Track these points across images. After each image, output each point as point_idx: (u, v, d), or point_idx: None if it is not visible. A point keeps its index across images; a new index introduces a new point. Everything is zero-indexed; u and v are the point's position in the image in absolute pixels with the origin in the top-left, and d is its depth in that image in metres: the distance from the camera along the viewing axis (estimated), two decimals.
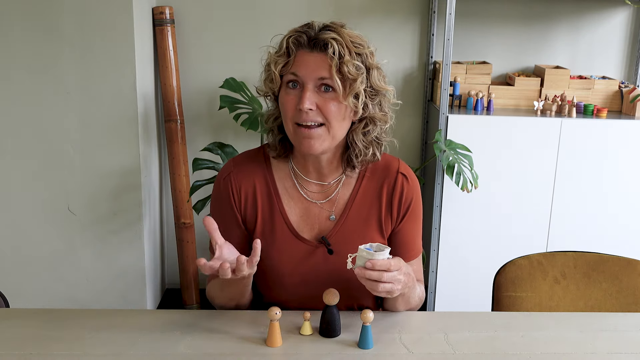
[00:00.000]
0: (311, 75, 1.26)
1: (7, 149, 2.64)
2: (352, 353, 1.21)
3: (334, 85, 1.26)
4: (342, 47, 1.25)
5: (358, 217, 1.39)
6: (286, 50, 1.28)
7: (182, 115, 2.88)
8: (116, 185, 2.69)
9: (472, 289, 2.77)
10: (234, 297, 1.37)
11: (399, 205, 1.40)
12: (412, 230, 1.43)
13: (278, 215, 1.39)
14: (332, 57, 1.24)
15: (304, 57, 1.27)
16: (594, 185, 2.71)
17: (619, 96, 2.83)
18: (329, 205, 1.40)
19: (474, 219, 2.74)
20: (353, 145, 1.36)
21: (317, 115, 1.27)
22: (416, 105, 3.04)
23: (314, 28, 1.28)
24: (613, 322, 1.38)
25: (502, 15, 2.97)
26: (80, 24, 2.51)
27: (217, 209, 1.42)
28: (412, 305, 1.40)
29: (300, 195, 1.40)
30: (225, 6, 2.89)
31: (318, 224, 1.39)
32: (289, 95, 1.29)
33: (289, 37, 1.29)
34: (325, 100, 1.27)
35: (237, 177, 1.40)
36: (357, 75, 1.26)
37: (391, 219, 1.41)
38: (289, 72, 1.28)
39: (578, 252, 1.65)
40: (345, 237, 1.38)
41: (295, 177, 1.41)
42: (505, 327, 1.32)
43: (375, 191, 1.41)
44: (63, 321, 1.31)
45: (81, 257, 2.77)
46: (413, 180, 1.43)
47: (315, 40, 1.26)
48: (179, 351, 1.20)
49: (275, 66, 1.29)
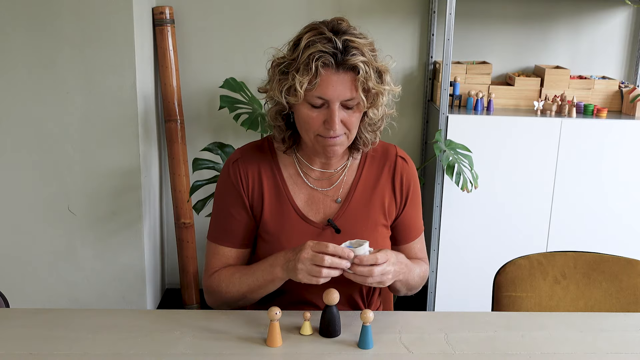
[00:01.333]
0: (339, 97, 1.29)
1: (7, 149, 2.64)
2: (352, 353, 1.21)
3: (359, 102, 1.30)
4: (367, 67, 1.28)
5: (362, 199, 1.45)
6: (314, 72, 1.26)
7: (182, 115, 2.88)
8: (116, 185, 2.69)
9: (472, 289, 2.77)
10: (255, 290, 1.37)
11: (401, 188, 1.47)
12: (414, 212, 1.51)
13: (285, 200, 1.43)
14: (359, 79, 1.27)
15: (330, 79, 1.27)
16: (593, 185, 2.71)
17: (619, 96, 2.83)
18: (333, 191, 1.45)
19: (474, 219, 2.74)
20: (361, 136, 1.42)
21: (341, 129, 1.33)
22: (416, 105, 3.04)
23: (337, 45, 1.26)
24: (613, 322, 1.38)
25: (502, 15, 2.97)
26: (80, 24, 2.51)
27: (224, 194, 1.45)
28: (412, 285, 1.44)
29: (304, 182, 1.45)
30: (225, 6, 2.89)
31: (323, 209, 1.44)
32: (312, 113, 1.31)
33: (315, 58, 1.25)
34: (349, 115, 1.32)
35: (245, 163, 1.44)
36: (380, 89, 1.31)
37: (395, 204, 1.47)
38: (315, 95, 1.28)
39: (578, 252, 1.65)
40: (351, 218, 1.43)
41: (300, 166, 1.46)
42: (505, 327, 1.33)
43: (377, 175, 1.47)
44: (63, 321, 1.31)
45: (81, 257, 2.77)
46: (410, 163, 1.52)
47: (343, 64, 1.27)
48: (179, 351, 1.20)
49: (300, 85, 1.27)
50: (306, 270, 1.23)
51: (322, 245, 1.22)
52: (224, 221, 1.45)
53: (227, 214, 1.44)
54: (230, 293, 1.39)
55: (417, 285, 1.47)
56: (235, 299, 1.40)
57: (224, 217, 1.45)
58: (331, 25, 1.30)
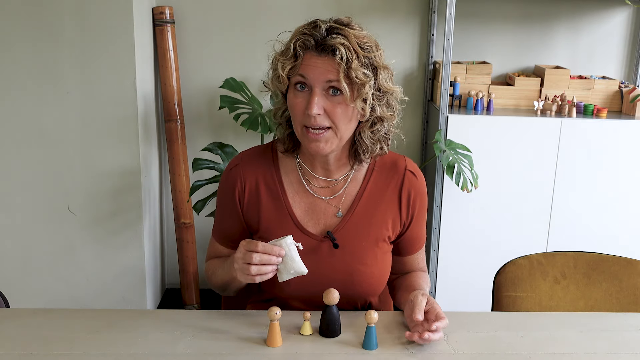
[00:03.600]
0: (319, 79, 1.26)
1: (7, 149, 2.64)
2: (352, 353, 1.21)
3: (342, 89, 1.25)
4: (349, 52, 1.24)
5: (365, 214, 1.40)
6: (293, 53, 1.27)
7: (182, 115, 2.88)
8: (116, 185, 2.69)
9: (472, 289, 2.77)
10: (229, 285, 1.41)
11: (408, 205, 1.42)
12: (418, 227, 1.47)
13: (283, 209, 1.40)
14: (339, 63, 1.24)
15: (311, 61, 1.26)
16: (594, 185, 2.71)
17: (619, 96, 2.83)
18: (336, 201, 1.41)
19: (474, 219, 2.74)
20: (360, 142, 1.36)
21: (324, 119, 1.28)
22: (416, 105, 3.04)
23: (321, 29, 1.26)
24: (613, 322, 1.38)
25: (502, 15, 2.97)
26: (80, 24, 2.51)
27: (222, 197, 1.46)
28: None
29: (306, 190, 1.41)
30: (225, 6, 2.88)
31: (323, 219, 1.40)
32: (297, 98, 1.29)
33: (296, 40, 1.26)
34: (333, 105, 1.27)
35: (244, 169, 1.42)
36: (365, 80, 1.25)
37: (400, 221, 1.43)
38: (297, 73, 1.27)
39: (578, 252, 1.65)
40: (351, 232, 1.39)
41: (302, 172, 1.42)
42: (505, 327, 1.33)
43: (383, 189, 1.42)
44: (63, 321, 1.31)
45: (81, 257, 2.77)
46: (420, 177, 1.45)
47: (322, 45, 1.25)
48: (179, 351, 1.20)
49: (282, 68, 1.27)
50: (240, 268, 1.23)
51: (252, 244, 1.22)
52: (221, 222, 1.48)
53: (223, 216, 1.46)
54: (216, 283, 1.45)
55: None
56: (220, 289, 1.46)
57: (221, 219, 1.47)
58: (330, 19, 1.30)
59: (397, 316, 1.37)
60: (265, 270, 1.21)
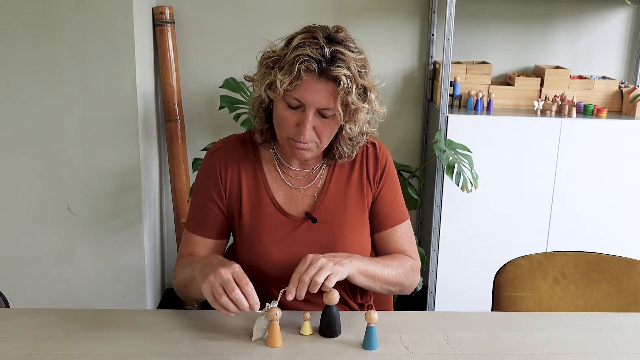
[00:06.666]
0: (315, 104, 1.28)
1: (7, 149, 2.64)
2: (352, 353, 1.21)
3: (336, 114, 1.29)
4: (350, 81, 1.26)
5: (337, 192, 1.46)
6: (297, 74, 1.26)
7: (182, 115, 2.88)
8: (116, 185, 2.69)
9: (472, 289, 2.77)
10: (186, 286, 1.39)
11: (374, 171, 1.47)
12: (390, 195, 1.49)
13: (264, 193, 1.44)
14: (339, 92, 1.26)
15: (311, 86, 1.27)
16: (593, 185, 2.71)
17: (619, 96, 2.83)
18: (312, 189, 1.46)
19: (474, 219, 2.74)
20: (337, 147, 1.42)
21: (312, 136, 1.33)
22: (416, 105, 3.04)
23: (324, 52, 1.25)
24: (613, 322, 1.38)
25: (502, 15, 2.96)
26: (80, 24, 2.51)
27: (202, 184, 1.46)
28: (392, 280, 1.40)
29: (282, 181, 1.46)
30: (225, 6, 2.88)
31: (302, 205, 1.45)
32: (287, 112, 1.31)
33: (300, 61, 1.25)
34: (323, 125, 1.32)
35: (226, 154, 1.46)
36: (360, 106, 1.29)
37: (370, 187, 1.47)
38: (293, 97, 1.28)
39: (578, 252, 1.65)
40: (328, 209, 1.44)
41: (279, 164, 1.47)
42: (505, 327, 1.33)
43: (350, 166, 1.48)
44: (63, 321, 1.31)
45: (81, 257, 2.77)
46: (381, 146, 1.51)
47: (326, 72, 1.26)
48: (179, 351, 1.20)
49: (280, 84, 1.27)
50: (212, 284, 1.19)
51: (243, 279, 1.19)
52: (200, 211, 1.46)
53: (203, 203, 1.45)
54: (179, 281, 1.41)
55: (403, 281, 1.42)
56: (180, 289, 1.43)
57: (201, 207, 1.46)
58: (327, 32, 1.30)
59: (397, 316, 1.37)
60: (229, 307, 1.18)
